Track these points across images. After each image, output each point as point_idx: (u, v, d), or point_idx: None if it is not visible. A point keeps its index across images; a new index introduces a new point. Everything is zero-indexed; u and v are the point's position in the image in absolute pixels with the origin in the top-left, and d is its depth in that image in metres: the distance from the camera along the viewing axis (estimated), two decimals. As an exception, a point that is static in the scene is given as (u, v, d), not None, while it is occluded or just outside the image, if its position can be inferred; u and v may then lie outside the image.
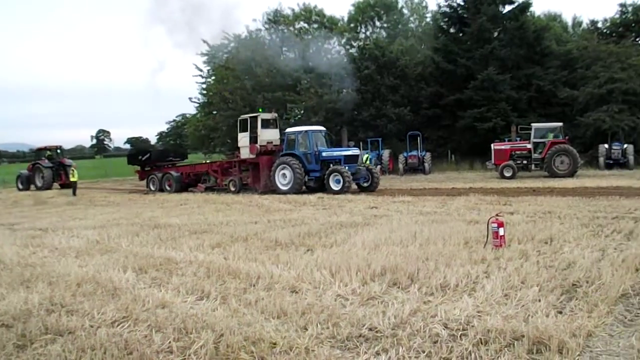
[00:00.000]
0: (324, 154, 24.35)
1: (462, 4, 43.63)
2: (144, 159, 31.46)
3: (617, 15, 48.80)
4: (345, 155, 24.07)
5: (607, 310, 5.35)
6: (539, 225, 11.01)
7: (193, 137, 51.20)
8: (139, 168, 32.22)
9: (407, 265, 7.39)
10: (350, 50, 50.17)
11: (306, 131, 24.94)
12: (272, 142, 26.67)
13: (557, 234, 9.69)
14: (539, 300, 5.73)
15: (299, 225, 12.71)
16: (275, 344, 4.96)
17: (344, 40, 52.62)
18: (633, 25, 47.06)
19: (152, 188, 29.95)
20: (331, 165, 23.77)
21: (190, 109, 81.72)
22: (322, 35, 49.05)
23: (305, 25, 51.56)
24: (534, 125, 30.23)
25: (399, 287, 6.64)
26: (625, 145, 33.78)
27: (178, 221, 14.39)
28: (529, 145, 29.21)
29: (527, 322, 5.02)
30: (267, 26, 50.34)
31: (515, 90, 39.73)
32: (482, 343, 4.68)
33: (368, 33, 55.15)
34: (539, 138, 29.11)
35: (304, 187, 24.05)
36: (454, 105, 39.75)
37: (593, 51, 41.30)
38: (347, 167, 23.12)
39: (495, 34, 42.58)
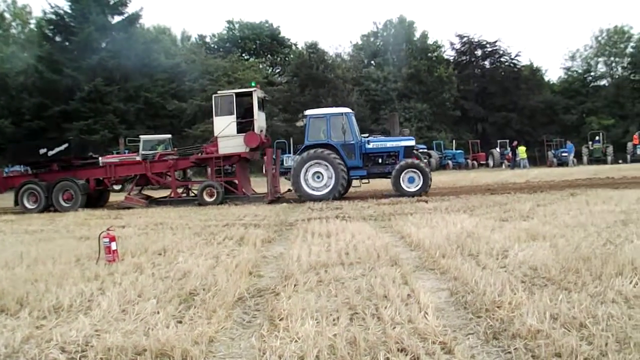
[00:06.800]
0: (370, 144, 19.56)
1: (69, 11, 42.78)
2: (53, 153, 20.62)
3: (225, 32, 53.41)
4: (405, 147, 19.58)
5: (225, 315, 5.63)
6: (151, 237, 11.24)
7: None
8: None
9: (14, 289, 6.80)
10: None
11: (345, 113, 19.46)
12: (263, 131, 20.98)
13: (170, 245, 9.96)
14: (158, 312, 5.74)
15: None
16: None
17: None
18: (240, 41, 52.06)
19: (29, 206, 20.00)
20: (379, 160, 19.56)
21: None
22: None
23: None
24: (143, 137, 31.11)
25: (7, 314, 6.05)
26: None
27: None
28: (139, 158, 29.70)
29: (148, 335, 4.97)
30: None
31: (124, 102, 40.46)
32: (103, 363, 4.52)
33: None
34: (148, 150, 29.94)
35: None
36: (59, 117, 38.60)
37: (201, 65, 44.50)
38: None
39: (104, 44, 42.72)
